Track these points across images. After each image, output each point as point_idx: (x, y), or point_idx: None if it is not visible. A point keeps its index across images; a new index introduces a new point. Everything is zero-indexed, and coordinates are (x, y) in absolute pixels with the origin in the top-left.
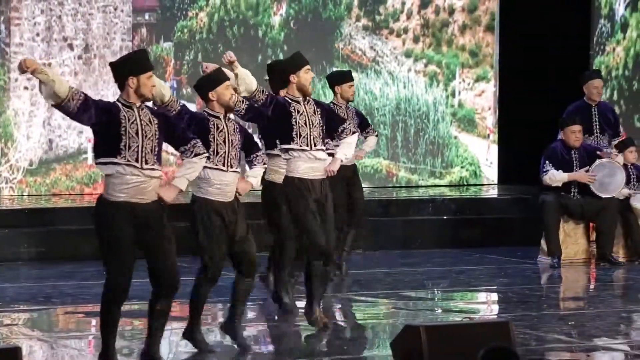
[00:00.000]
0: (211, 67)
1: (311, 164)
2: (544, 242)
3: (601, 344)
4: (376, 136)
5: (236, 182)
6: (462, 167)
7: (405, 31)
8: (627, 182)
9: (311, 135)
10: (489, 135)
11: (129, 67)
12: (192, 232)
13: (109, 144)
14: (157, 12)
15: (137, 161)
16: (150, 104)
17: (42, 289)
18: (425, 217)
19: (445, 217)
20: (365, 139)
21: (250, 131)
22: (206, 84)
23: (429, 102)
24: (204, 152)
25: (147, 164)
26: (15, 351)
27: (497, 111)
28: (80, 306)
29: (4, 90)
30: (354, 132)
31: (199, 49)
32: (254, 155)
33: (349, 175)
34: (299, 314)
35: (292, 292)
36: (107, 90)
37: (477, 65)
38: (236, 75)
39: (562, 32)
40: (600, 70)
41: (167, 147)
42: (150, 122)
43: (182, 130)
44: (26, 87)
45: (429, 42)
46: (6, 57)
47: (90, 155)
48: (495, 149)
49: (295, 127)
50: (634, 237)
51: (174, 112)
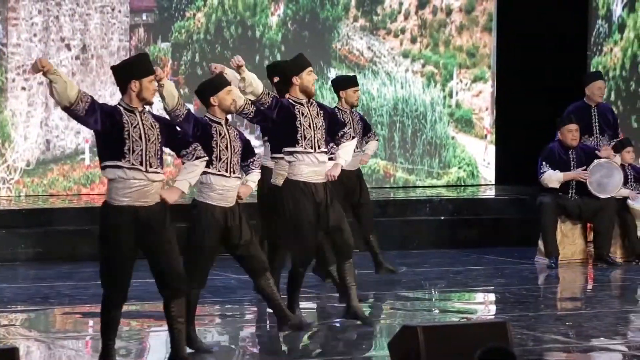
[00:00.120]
0: (220, 67)
1: (314, 167)
2: (541, 243)
3: (598, 344)
4: (377, 140)
5: (238, 187)
6: (459, 168)
7: (402, 31)
8: (625, 183)
9: (315, 137)
10: (486, 135)
11: (131, 71)
12: (189, 234)
13: (112, 148)
14: (154, 13)
15: (141, 164)
16: (155, 109)
17: (39, 289)
18: (422, 218)
19: (442, 218)
20: (366, 143)
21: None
22: (207, 89)
23: (427, 102)
24: (205, 156)
25: (151, 167)
26: (12, 352)
27: (495, 111)
28: (77, 307)
29: (1, 90)
30: (353, 137)
31: (196, 50)
32: (251, 160)
33: (353, 180)
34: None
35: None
36: (104, 90)
37: (474, 65)
38: (243, 79)
39: (559, 33)
40: (601, 71)
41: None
42: (152, 126)
43: (182, 134)
44: (24, 88)
45: (426, 43)
46: (3, 58)
47: (87, 155)
48: (492, 149)
49: (299, 129)
50: (631, 238)
51: (182, 116)
